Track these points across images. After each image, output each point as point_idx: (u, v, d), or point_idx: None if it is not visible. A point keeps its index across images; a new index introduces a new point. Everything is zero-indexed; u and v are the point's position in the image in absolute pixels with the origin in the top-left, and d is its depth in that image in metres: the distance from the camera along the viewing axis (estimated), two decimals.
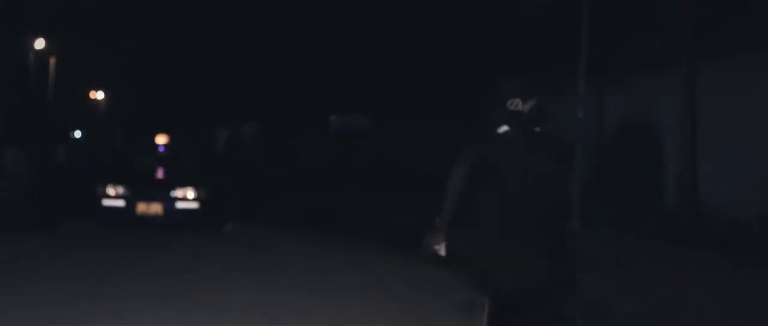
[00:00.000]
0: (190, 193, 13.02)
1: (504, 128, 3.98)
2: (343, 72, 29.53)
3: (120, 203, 12.92)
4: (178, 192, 13.01)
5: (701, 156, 12.81)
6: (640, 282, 8.74)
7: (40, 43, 33.12)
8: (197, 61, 35.00)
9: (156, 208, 12.87)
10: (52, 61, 34.80)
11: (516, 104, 3.92)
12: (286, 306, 7.35)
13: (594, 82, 14.93)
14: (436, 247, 3.94)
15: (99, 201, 12.96)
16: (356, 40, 28.10)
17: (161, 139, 15.57)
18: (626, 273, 9.08)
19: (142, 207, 12.84)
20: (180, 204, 12.97)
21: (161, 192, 13.10)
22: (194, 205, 13.00)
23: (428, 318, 7.10)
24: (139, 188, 13.11)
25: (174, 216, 12.92)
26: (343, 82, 29.80)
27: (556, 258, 3.78)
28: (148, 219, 12.88)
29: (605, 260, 9.90)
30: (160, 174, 14.42)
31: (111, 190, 12.98)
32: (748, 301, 7.59)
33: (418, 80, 25.11)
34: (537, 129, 3.96)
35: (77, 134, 32.13)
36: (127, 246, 11.09)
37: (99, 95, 45.51)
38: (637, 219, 12.88)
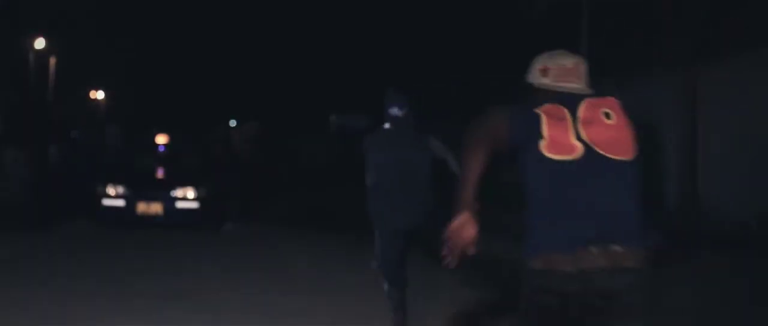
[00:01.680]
0: (190, 193, 13.01)
1: (387, 125, 6.01)
2: (343, 72, 29.53)
3: (120, 203, 12.90)
4: (178, 192, 12.99)
5: (701, 156, 12.80)
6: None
7: (40, 43, 33.10)
8: (197, 60, 35.02)
9: (156, 208, 12.85)
10: (52, 61, 34.79)
11: (395, 110, 5.91)
12: (286, 306, 7.35)
13: (594, 82, 14.93)
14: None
15: (99, 201, 12.94)
16: (356, 40, 28.11)
17: (161, 139, 15.55)
18: None
19: (142, 207, 12.82)
20: (180, 204, 12.96)
21: (161, 191, 13.07)
22: (194, 205, 12.98)
23: (430, 318, 7.10)
24: (139, 188, 13.09)
25: (174, 216, 12.90)
26: (343, 82, 29.79)
27: (419, 210, 5.87)
28: (148, 219, 12.86)
29: None
30: (160, 173, 14.40)
31: (111, 190, 12.96)
32: (747, 300, 7.60)
33: (418, 80, 25.10)
34: (408, 128, 5.98)
35: (75, 134, 32.10)
36: (126, 246, 11.08)
37: (99, 95, 45.51)
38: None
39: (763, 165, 11.73)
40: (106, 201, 12.92)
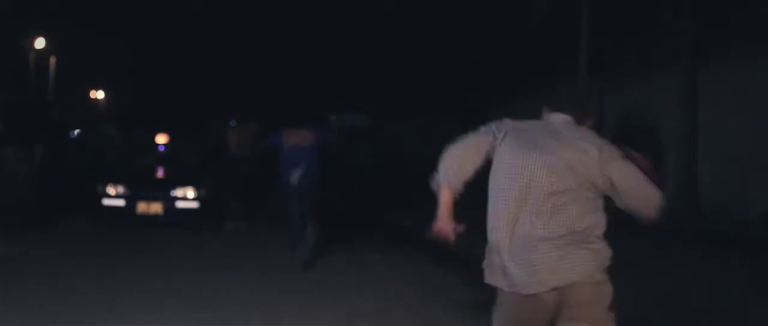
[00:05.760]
0: (191, 193, 13.00)
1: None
2: (343, 72, 29.54)
3: (120, 202, 12.88)
4: (178, 192, 12.98)
5: (701, 156, 12.80)
6: (641, 281, 8.74)
7: (40, 43, 33.10)
8: (197, 60, 35.02)
9: (156, 208, 12.84)
10: (52, 61, 34.80)
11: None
12: (286, 306, 7.36)
13: (594, 81, 14.92)
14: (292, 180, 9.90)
15: (99, 200, 12.92)
16: (355, 40, 28.10)
17: (161, 138, 15.54)
18: (627, 273, 9.07)
19: (142, 207, 12.81)
20: (180, 204, 12.95)
21: (161, 191, 13.06)
22: (194, 204, 12.97)
23: (430, 317, 7.11)
24: (139, 187, 13.08)
25: (174, 216, 12.89)
26: (343, 82, 29.80)
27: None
28: (149, 219, 12.85)
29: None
30: (160, 173, 14.39)
31: (111, 190, 12.95)
32: (747, 300, 7.59)
33: (419, 79, 25.11)
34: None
35: (74, 133, 32.12)
36: (126, 245, 11.08)
37: (99, 94, 45.51)
38: (637, 219, 12.87)
39: (764, 165, 11.73)
40: (107, 201, 12.90)
